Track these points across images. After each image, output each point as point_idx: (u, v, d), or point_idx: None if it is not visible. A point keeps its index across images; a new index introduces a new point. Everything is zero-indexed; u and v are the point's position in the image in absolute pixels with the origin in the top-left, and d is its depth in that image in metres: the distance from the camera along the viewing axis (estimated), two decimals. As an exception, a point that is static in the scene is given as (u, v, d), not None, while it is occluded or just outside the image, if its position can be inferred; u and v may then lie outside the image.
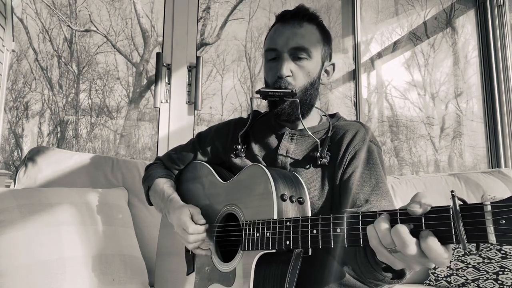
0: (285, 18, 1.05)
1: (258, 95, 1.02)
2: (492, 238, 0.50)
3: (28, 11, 3.87)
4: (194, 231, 0.96)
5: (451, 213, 0.54)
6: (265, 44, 1.09)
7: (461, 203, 0.54)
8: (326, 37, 1.09)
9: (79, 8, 3.95)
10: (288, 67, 1.01)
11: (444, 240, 0.55)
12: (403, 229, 0.57)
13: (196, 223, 0.97)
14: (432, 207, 0.57)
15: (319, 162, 0.99)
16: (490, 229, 0.50)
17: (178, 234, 1.02)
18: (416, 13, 3.47)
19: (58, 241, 1.28)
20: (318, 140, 1.02)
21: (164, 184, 1.18)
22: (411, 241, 0.56)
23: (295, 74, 1.02)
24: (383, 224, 0.60)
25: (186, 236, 0.97)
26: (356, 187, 0.93)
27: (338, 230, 0.67)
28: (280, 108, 1.02)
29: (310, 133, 1.04)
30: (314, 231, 0.70)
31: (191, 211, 1.00)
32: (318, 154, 1.00)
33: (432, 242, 0.55)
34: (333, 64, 1.13)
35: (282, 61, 1.02)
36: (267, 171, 0.87)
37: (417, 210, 0.57)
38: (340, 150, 1.00)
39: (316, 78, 1.06)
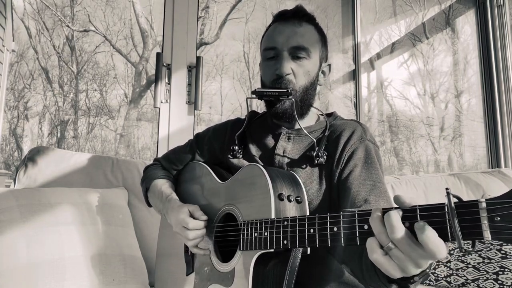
0: (285, 17, 1.05)
1: (254, 95, 1.01)
2: (487, 235, 0.50)
3: (28, 11, 3.88)
4: (194, 227, 0.96)
5: (446, 210, 0.54)
6: (263, 43, 1.09)
7: (456, 200, 0.54)
8: (323, 38, 1.10)
9: (77, 8, 3.96)
10: (288, 66, 1.01)
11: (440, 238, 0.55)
12: (395, 215, 0.58)
13: (197, 219, 0.97)
14: (427, 205, 0.57)
15: (316, 162, 0.99)
16: (485, 226, 0.50)
17: (177, 233, 1.01)
18: (415, 14, 3.48)
19: (58, 241, 1.28)
20: (314, 140, 1.02)
21: (162, 185, 1.18)
22: (401, 227, 0.57)
23: (296, 73, 1.02)
24: (376, 214, 0.60)
25: (186, 233, 0.96)
26: (354, 186, 0.93)
27: (335, 229, 0.67)
28: (279, 108, 1.02)
29: (306, 132, 1.03)
30: (311, 230, 0.70)
31: (190, 209, 1.00)
32: (314, 153, 0.99)
33: (429, 231, 0.55)
34: (329, 65, 1.13)
35: (282, 59, 1.02)
36: (264, 170, 0.88)
37: (405, 198, 0.59)
38: (337, 149, 0.99)
39: (315, 78, 1.06)
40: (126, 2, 4.07)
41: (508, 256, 1.53)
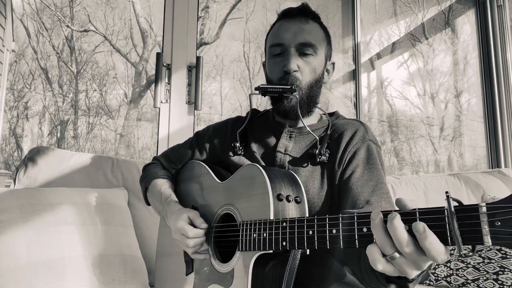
0: (291, 14, 1.06)
1: (257, 92, 1.01)
2: (487, 240, 0.49)
3: (27, 11, 3.87)
4: (194, 235, 0.94)
5: (446, 214, 0.54)
6: (269, 40, 1.09)
7: (457, 204, 0.53)
8: (328, 37, 1.10)
9: (77, 8, 3.95)
10: (295, 62, 1.01)
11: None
12: (400, 225, 0.56)
13: (197, 227, 0.96)
14: (427, 208, 0.57)
15: (318, 160, 0.99)
16: (485, 230, 0.49)
17: (177, 240, 0.99)
18: (415, 14, 3.48)
19: (58, 241, 1.28)
20: (317, 137, 1.02)
21: (162, 186, 1.17)
22: (410, 238, 0.56)
23: (302, 70, 1.02)
24: (378, 219, 0.59)
25: (186, 241, 0.95)
26: (356, 187, 0.92)
27: (334, 231, 0.66)
28: (287, 105, 1.01)
29: (309, 130, 1.03)
30: (310, 232, 0.70)
31: (190, 216, 0.98)
32: (317, 151, 0.99)
33: (431, 238, 0.54)
34: (333, 63, 1.13)
35: (289, 56, 1.01)
36: (263, 171, 0.87)
37: (407, 201, 0.58)
38: (339, 149, 0.99)
39: (320, 75, 1.07)
40: (126, 2, 4.06)
41: (508, 256, 1.53)
